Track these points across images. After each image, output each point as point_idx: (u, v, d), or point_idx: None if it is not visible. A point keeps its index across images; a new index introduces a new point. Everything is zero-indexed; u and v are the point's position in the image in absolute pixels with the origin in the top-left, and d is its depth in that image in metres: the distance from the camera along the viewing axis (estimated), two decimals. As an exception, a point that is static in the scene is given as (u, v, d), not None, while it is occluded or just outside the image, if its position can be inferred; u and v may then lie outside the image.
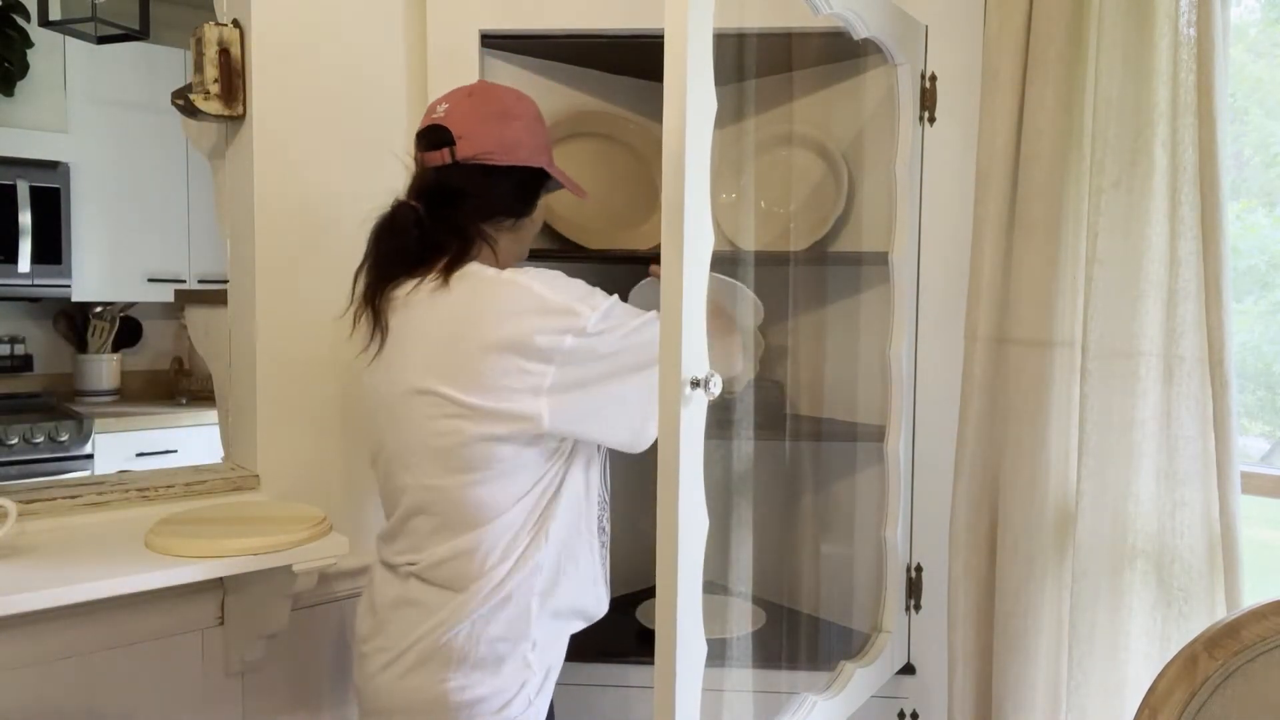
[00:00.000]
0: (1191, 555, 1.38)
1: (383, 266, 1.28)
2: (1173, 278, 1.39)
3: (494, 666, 1.23)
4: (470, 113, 1.29)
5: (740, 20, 1.66)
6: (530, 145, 1.30)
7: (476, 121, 1.28)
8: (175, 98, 1.55)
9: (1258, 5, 1.64)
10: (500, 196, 1.30)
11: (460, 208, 1.27)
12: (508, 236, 1.33)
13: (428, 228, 1.27)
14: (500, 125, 1.28)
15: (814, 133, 1.88)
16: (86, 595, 1.18)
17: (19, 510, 1.30)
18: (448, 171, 1.28)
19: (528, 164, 1.30)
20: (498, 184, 1.29)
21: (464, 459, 1.19)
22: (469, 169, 1.27)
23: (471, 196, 1.28)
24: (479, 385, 1.16)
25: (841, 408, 1.89)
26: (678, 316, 0.98)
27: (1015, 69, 1.55)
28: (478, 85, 1.34)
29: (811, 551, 1.96)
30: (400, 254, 1.27)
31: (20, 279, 3.20)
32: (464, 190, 1.27)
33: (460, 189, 1.28)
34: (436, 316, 1.21)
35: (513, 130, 1.29)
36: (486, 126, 1.28)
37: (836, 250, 1.87)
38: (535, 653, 1.26)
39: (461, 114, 1.28)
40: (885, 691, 1.73)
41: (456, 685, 1.21)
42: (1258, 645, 1.10)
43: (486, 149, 1.27)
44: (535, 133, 1.32)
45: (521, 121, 1.30)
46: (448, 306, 1.20)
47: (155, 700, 1.46)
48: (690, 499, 1.02)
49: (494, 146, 1.27)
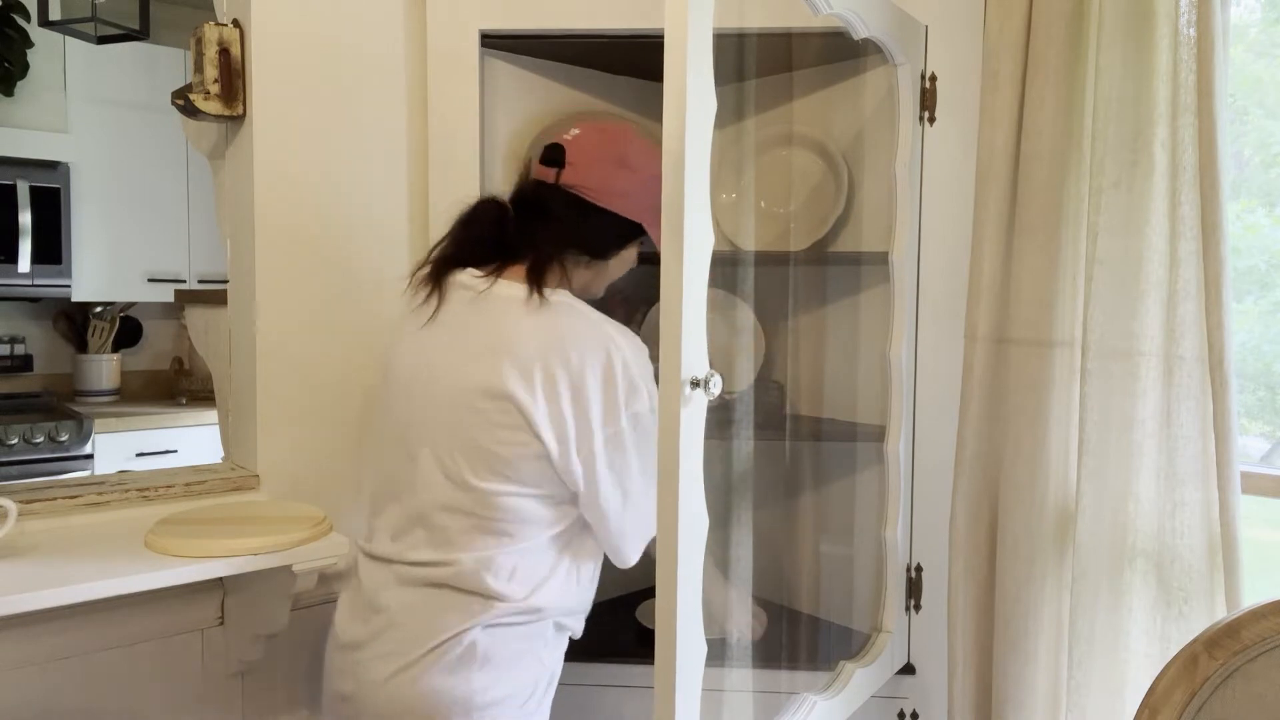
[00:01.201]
0: (1191, 555, 1.38)
1: (459, 247, 1.32)
2: (1173, 278, 1.39)
3: (513, 664, 1.23)
4: (592, 147, 1.32)
5: (740, 20, 1.66)
6: (637, 200, 1.33)
7: (593, 157, 1.31)
8: (175, 98, 1.55)
9: (1258, 5, 1.64)
10: (586, 233, 1.32)
11: (543, 226, 1.30)
12: (583, 272, 1.35)
13: (508, 231, 1.31)
14: (613, 169, 1.31)
15: (814, 133, 1.88)
16: (86, 595, 1.18)
17: (19, 510, 1.30)
18: (547, 190, 1.31)
19: (624, 214, 1.32)
20: (587, 220, 1.31)
21: (521, 471, 1.20)
22: (566, 196, 1.30)
23: (556, 221, 1.30)
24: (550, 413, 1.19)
25: (841, 408, 1.89)
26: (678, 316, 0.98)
27: (1015, 69, 1.55)
28: (616, 127, 1.38)
29: (811, 551, 1.96)
30: (477, 244, 1.31)
31: (20, 279, 3.20)
32: (552, 212, 1.30)
33: (550, 211, 1.30)
34: (530, 330, 1.22)
35: (622, 179, 1.31)
36: (600, 166, 1.31)
37: (836, 250, 1.87)
38: (548, 650, 1.28)
39: (584, 145, 1.32)
40: (885, 691, 1.73)
41: (481, 685, 1.21)
42: (1258, 645, 1.10)
43: (588, 185, 1.30)
44: (648, 191, 1.32)
45: (636, 176, 1.32)
46: (546, 327, 1.22)
47: (155, 700, 1.46)
48: (690, 499, 1.02)
49: (597, 185, 1.30)
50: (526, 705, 1.25)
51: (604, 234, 1.34)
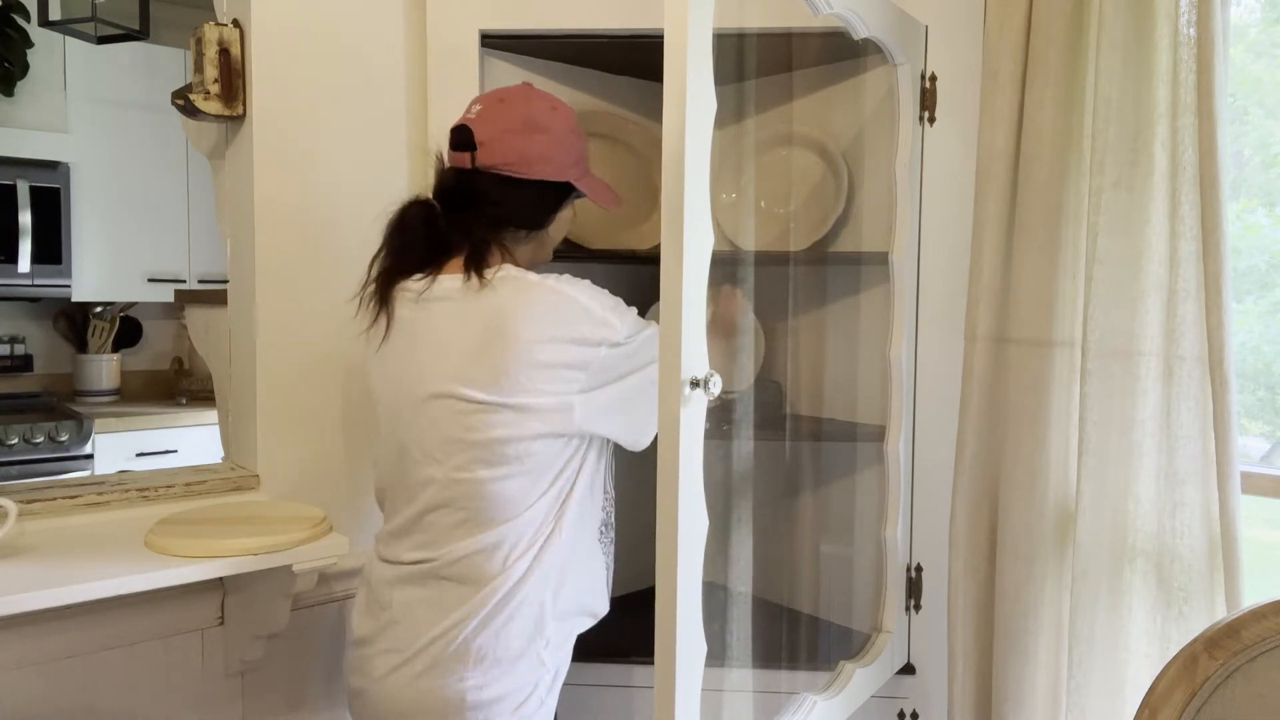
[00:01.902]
0: (1191, 555, 1.38)
1: (395, 258, 1.30)
2: (1173, 277, 1.39)
3: (510, 664, 1.23)
4: (496, 120, 1.27)
5: (740, 20, 1.66)
6: (558, 160, 1.28)
7: (500, 131, 1.26)
8: (175, 98, 1.55)
9: (1258, 5, 1.64)
10: (516, 209, 1.29)
11: (474, 214, 1.27)
12: (525, 245, 1.32)
13: (440, 229, 1.28)
14: (524, 138, 1.26)
15: (814, 133, 1.88)
16: (86, 595, 1.18)
17: (19, 510, 1.30)
18: (468, 176, 1.27)
19: (551, 179, 1.29)
20: (515, 196, 1.27)
21: (499, 454, 1.20)
22: (488, 177, 1.26)
23: (487, 205, 1.27)
24: (517, 385, 1.18)
25: (841, 408, 1.89)
26: (678, 316, 0.98)
27: (1015, 69, 1.55)
28: (514, 92, 1.31)
29: (811, 551, 1.96)
30: (411, 249, 1.29)
31: (20, 279, 3.20)
32: (480, 198, 1.27)
33: (476, 196, 1.27)
34: (471, 315, 1.21)
35: (537, 144, 1.26)
36: (509, 138, 1.26)
37: (836, 250, 1.87)
38: (549, 650, 1.27)
39: (488, 120, 1.27)
40: (885, 691, 1.73)
41: (475, 684, 1.21)
42: (1258, 645, 1.10)
43: (506, 160, 1.25)
44: (565, 146, 1.29)
45: (549, 135, 1.28)
46: (488, 307, 1.20)
47: (155, 700, 1.46)
48: (690, 499, 1.02)
49: (514, 159, 1.25)
50: (524, 707, 1.24)
51: (536, 204, 1.30)
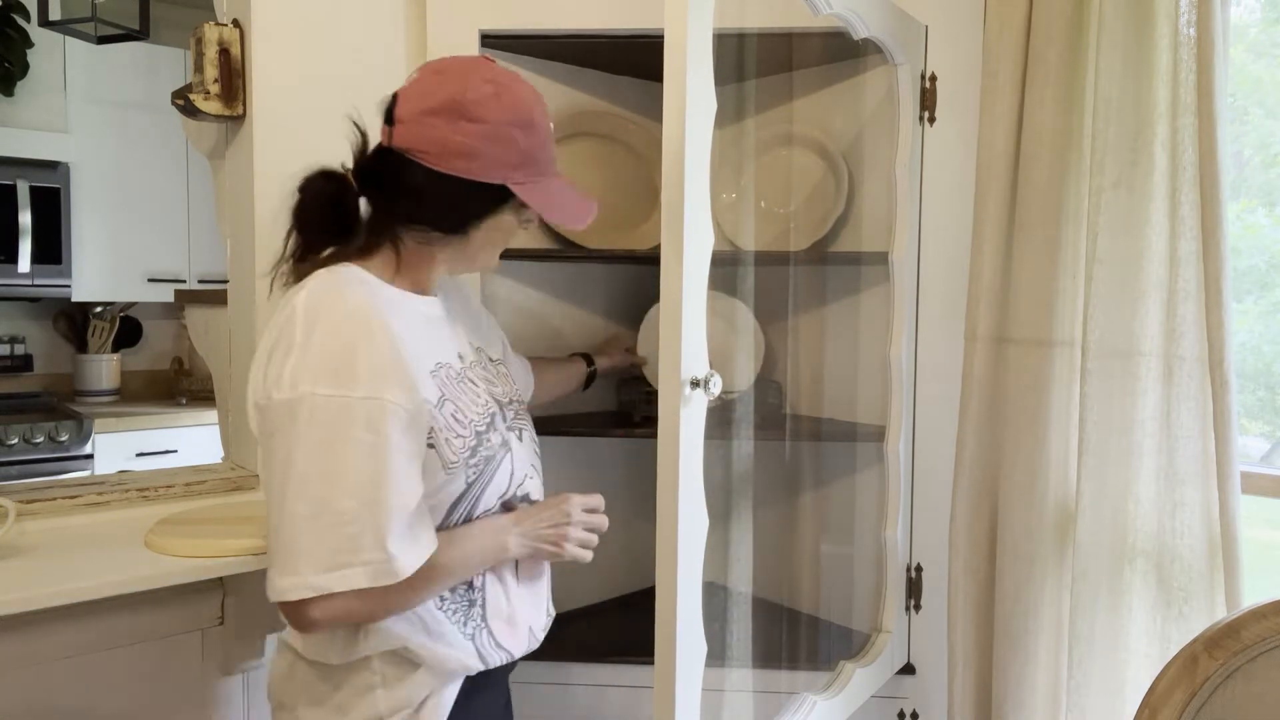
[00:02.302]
0: (1191, 555, 1.38)
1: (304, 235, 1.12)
2: (1173, 278, 1.39)
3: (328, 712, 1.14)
4: (422, 95, 1.07)
5: (740, 20, 1.66)
6: (488, 157, 1.06)
7: (422, 110, 1.06)
8: (175, 98, 1.55)
9: (1258, 5, 1.64)
10: (426, 206, 1.08)
11: (377, 200, 1.10)
12: (442, 250, 1.12)
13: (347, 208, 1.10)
14: (447, 124, 1.05)
15: (814, 133, 1.88)
16: (86, 595, 1.18)
17: (19, 510, 1.30)
18: (382, 155, 1.09)
19: (474, 178, 1.06)
20: (430, 190, 1.06)
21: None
22: (399, 161, 1.06)
23: (398, 194, 1.08)
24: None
25: (841, 408, 1.89)
26: (678, 316, 0.98)
27: (1015, 69, 1.55)
28: (456, 64, 1.10)
29: (811, 551, 1.96)
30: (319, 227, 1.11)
31: (20, 279, 3.20)
32: (383, 182, 1.08)
33: (381, 180, 1.09)
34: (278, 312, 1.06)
35: (461, 133, 1.04)
36: (430, 120, 1.05)
37: (836, 250, 1.87)
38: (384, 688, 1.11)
39: (414, 93, 1.07)
40: (885, 691, 1.73)
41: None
42: (1258, 645, 1.10)
43: (421, 147, 1.05)
44: (503, 142, 1.06)
45: (481, 127, 1.05)
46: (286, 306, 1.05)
47: (155, 700, 1.45)
48: (690, 499, 1.02)
49: (431, 147, 1.05)
50: None
51: (452, 205, 1.08)
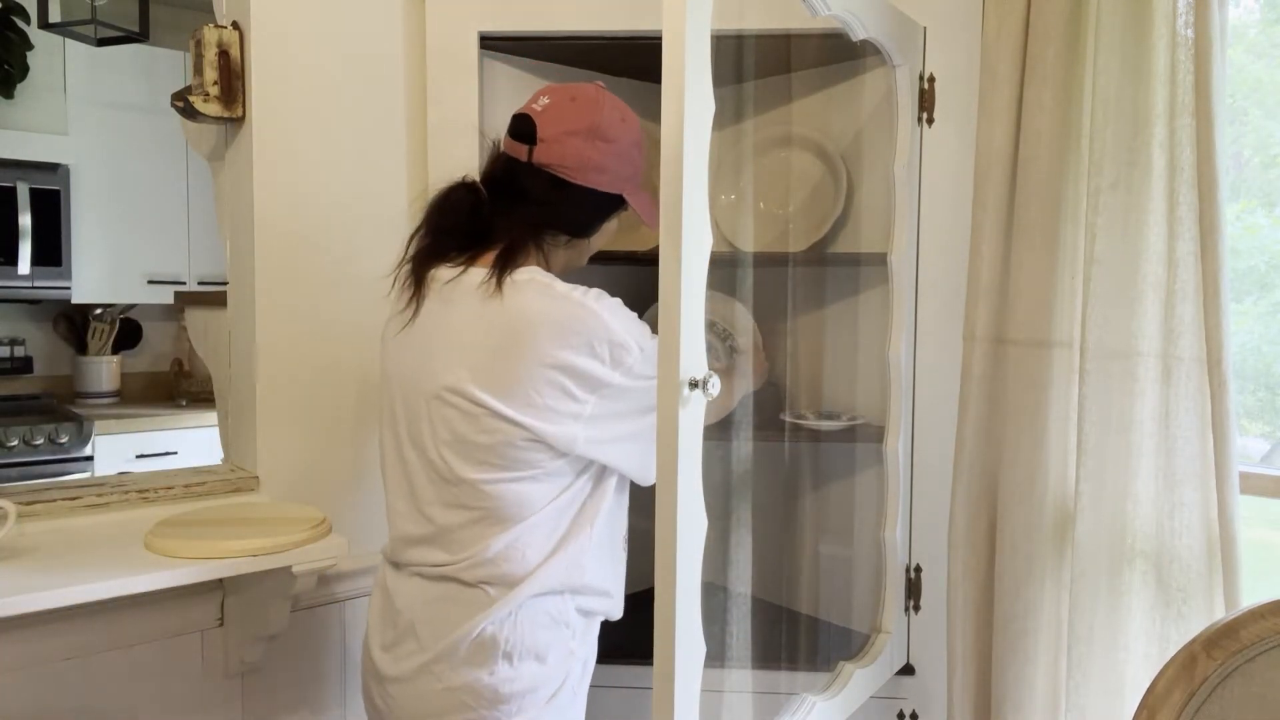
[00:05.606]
0: (1190, 555, 1.38)
1: (433, 239, 1.27)
2: (1171, 278, 1.39)
3: (539, 656, 1.22)
4: (562, 119, 1.24)
5: (739, 22, 1.67)
6: (614, 172, 1.26)
7: (564, 131, 1.23)
8: (175, 100, 1.55)
9: (1257, 5, 1.64)
10: (564, 213, 1.27)
11: (519, 210, 1.24)
12: (562, 250, 1.30)
13: (483, 216, 1.25)
14: (586, 144, 1.23)
15: (813, 134, 1.88)
16: (86, 597, 1.18)
17: (19, 512, 1.31)
18: (520, 169, 1.25)
19: (604, 189, 1.26)
20: (565, 199, 1.25)
21: (509, 458, 1.18)
22: (540, 175, 1.24)
23: (534, 204, 1.24)
24: (524, 400, 1.16)
25: (841, 408, 1.89)
26: (676, 317, 0.98)
27: (1013, 70, 1.55)
28: (587, 92, 1.27)
29: (811, 552, 1.96)
30: (452, 233, 1.26)
31: (20, 281, 3.20)
32: (528, 195, 1.24)
33: (525, 192, 1.24)
34: (487, 321, 1.18)
35: (598, 153, 1.24)
36: (571, 141, 1.23)
37: (835, 251, 1.87)
38: (576, 640, 1.26)
39: (553, 117, 1.24)
40: (885, 692, 1.73)
41: (506, 676, 1.20)
42: (1256, 645, 1.10)
43: (564, 163, 1.23)
44: (626, 160, 1.27)
45: (613, 146, 1.25)
46: (503, 313, 1.17)
47: (155, 701, 1.46)
48: (689, 499, 1.02)
49: (572, 163, 1.23)
50: (557, 698, 1.24)
51: (584, 212, 1.28)
